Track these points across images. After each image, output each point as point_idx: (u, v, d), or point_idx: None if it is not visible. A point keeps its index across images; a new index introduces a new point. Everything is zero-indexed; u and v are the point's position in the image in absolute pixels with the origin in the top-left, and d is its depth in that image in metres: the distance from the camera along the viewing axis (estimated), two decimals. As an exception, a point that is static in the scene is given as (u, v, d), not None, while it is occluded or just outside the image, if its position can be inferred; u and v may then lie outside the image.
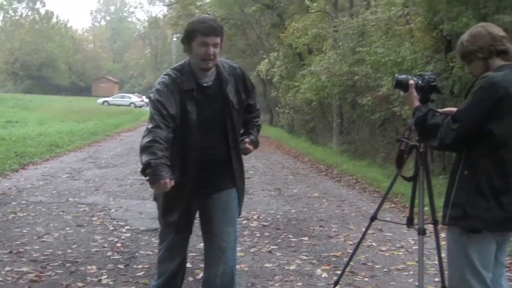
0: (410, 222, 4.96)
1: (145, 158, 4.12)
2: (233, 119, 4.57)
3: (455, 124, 3.74)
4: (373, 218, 5.23)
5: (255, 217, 9.70)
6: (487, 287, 3.84)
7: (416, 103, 4.20)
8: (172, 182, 4.16)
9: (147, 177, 4.14)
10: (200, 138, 4.46)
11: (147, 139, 4.19)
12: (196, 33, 4.36)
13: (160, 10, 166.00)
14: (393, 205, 11.33)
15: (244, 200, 10.47)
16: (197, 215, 4.78)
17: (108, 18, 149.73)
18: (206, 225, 4.73)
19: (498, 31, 3.91)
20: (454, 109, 4.00)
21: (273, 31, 38.18)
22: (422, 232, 4.59)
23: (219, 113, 4.54)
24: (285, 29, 31.03)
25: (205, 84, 4.51)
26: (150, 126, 4.27)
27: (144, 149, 4.17)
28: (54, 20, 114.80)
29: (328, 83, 24.10)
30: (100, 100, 76.57)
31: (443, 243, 8.26)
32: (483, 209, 3.72)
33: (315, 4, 28.88)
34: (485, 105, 3.68)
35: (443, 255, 6.49)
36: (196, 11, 40.62)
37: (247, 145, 4.74)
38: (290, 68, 33.72)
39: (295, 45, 29.90)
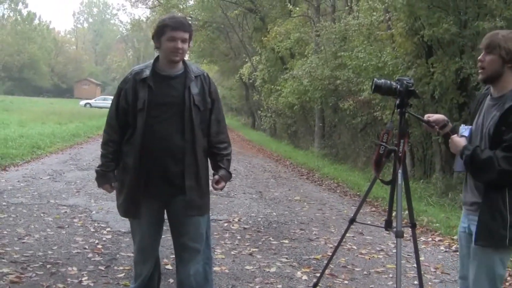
0: (388, 225, 4.98)
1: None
2: (192, 112, 4.58)
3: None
4: (352, 220, 5.26)
5: (236, 219, 9.73)
6: None
7: (462, 143, 4.01)
8: (113, 187, 4.79)
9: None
10: (148, 123, 4.56)
11: (102, 142, 4.83)
12: (166, 28, 4.53)
13: (143, 13, 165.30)
14: (373, 209, 11.43)
15: (225, 202, 10.52)
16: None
17: (90, 20, 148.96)
18: (175, 227, 4.84)
19: None
20: (439, 116, 4.07)
21: (255, 35, 38.21)
22: (399, 235, 4.62)
23: (177, 104, 4.59)
24: (267, 33, 31.07)
25: (163, 73, 4.66)
26: (108, 118, 4.80)
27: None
28: (36, 21, 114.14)
29: (310, 87, 24.17)
30: (82, 102, 76.18)
31: (422, 246, 8.35)
32: None
33: (297, 8, 29.01)
34: None
35: (422, 258, 6.56)
36: (179, 14, 40.53)
37: (214, 184, 4.75)
38: (272, 72, 33.76)
39: (277, 49, 29.96)
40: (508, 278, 6.85)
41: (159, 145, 4.55)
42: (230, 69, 50.54)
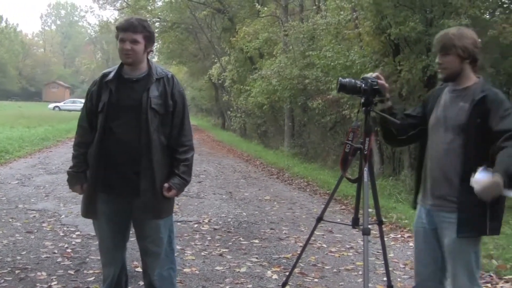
0: (355, 223, 5.01)
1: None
2: (148, 116, 4.54)
3: None
4: (320, 219, 5.27)
5: (206, 220, 9.73)
6: None
7: (497, 176, 3.51)
8: (82, 188, 4.79)
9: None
10: (107, 126, 4.57)
11: (74, 143, 4.87)
12: (118, 30, 4.59)
13: (111, 14, 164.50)
14: (343, 207, 11.49)
15: (195, 203, 10.49)
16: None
17: (58, 22, 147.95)
18: (136, 230, 4.87)
19: (479, 42, 4.05)
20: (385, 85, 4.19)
21: (224, 35, 38.25)
22: (366, 232, 4.65)
23: (135, 107, 4.56)
24: (236, 33, 31.10)
25: (126, 76, 4.65)
26: (79, 120, 4.84)
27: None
28: (3, 24, 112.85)
29: (279, 86, 24.25)
30: (51, 105, 75.49)
31: (392, 243, 8.42)
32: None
33: (265, 8, 29.05)
34: None
35: (391, 255, 6.59)
36: (147, 15, 40.38)
37: (165, 193, 4.65)
38: (241, 72, 33.83)
39: (246, 49, 30.00)
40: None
41: (117, 147, 4.55)
42: (199, 70, 50.47)
